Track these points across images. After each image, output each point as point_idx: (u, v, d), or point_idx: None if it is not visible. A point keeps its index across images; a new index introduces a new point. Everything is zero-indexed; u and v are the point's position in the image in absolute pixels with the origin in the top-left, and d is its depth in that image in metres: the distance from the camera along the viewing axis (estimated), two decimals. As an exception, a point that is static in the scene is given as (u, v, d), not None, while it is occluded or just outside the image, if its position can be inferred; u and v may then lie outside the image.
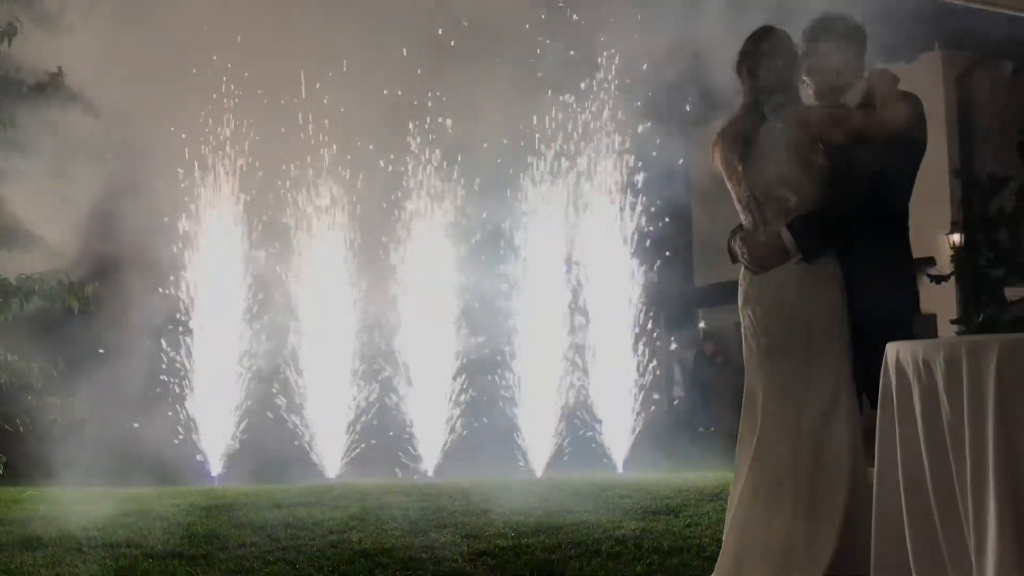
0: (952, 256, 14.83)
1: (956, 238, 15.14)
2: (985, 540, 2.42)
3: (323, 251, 10.09)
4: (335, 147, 9.86)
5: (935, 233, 15.09)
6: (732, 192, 3.55)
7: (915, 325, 3.29)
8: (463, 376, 10.35)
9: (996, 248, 15.21)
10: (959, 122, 15.76)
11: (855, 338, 3.37)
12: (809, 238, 3.35)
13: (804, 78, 3.58)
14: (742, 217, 3.56)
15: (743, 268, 3.55)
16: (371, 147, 9.82)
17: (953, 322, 13.99)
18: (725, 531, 3.44)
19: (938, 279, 14.24)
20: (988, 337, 2.58)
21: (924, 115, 3.47)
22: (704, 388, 16.83)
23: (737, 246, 3.53)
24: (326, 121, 9.74)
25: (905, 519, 2.78)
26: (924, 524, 2.72)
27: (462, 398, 10.33)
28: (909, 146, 3.42)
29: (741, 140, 3.45)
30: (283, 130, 9.54)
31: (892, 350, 2.91)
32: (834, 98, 3.56)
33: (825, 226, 3.36)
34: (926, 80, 15.41)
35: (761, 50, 3.45)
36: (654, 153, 10.30)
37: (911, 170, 3.51)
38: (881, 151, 3.32)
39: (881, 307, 3.32)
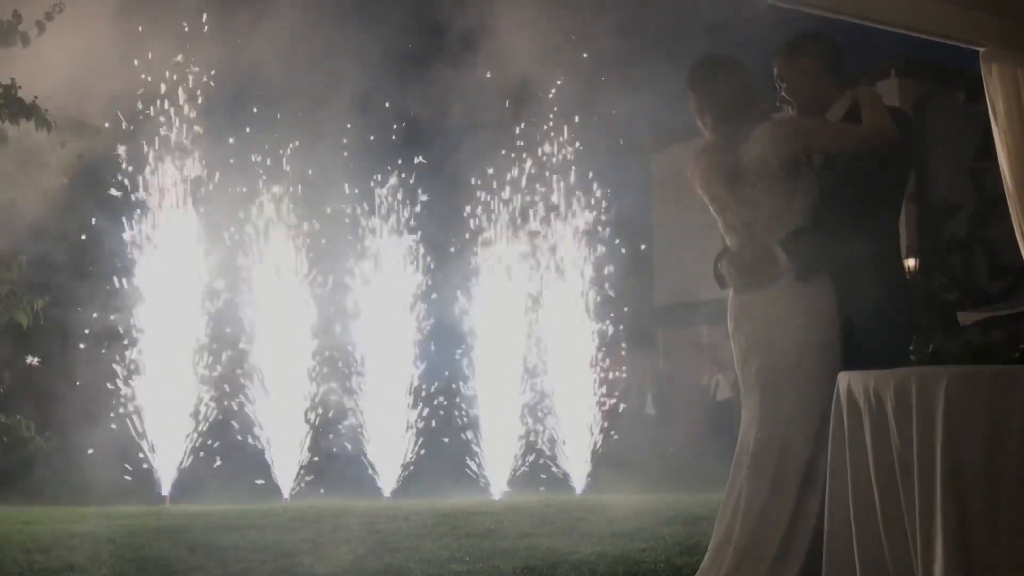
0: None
1: (912, 262, 15.36)
2: (932, 570, 2.43)
3: (277, 264, 10.03)
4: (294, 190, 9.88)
5: (891, 257, 15.29)
6: (719, 218, 3.39)
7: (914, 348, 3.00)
8: (422, 397, 10.27)
9: (950, 273, 15.48)
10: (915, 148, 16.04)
11: (854, 360, 3.15)
12: (803, 255, 3.18)
13: (784, 98, 3.50)
14: (727, 240, 3.40)
15: (731, 293, 3.37)
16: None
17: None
18: (712, 542, 3.31)
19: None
20: (937, 369, 2.60)
21: (912, 128, 3.39)
22: (664, 410, 16.85)
23: (724, 268, 3.35)
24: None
25: (855, 547, 2.79)
26: (873, 552, 2.73)
27: (420, 419, 10.26)
28: (898, 158, 3.29)
29: (725, 167, 3.31)
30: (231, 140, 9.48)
31: (843, 380, 2.92)
32: (817, 115, 3.47)
33: (818, 243, 3.19)
34: (883, 107, 15.69)
35: (716, 77, 3.33)
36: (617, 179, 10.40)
37: (901, 183, 3.40)
38: (870, 163, 3.20)
39: (878, 330, 3.18)
